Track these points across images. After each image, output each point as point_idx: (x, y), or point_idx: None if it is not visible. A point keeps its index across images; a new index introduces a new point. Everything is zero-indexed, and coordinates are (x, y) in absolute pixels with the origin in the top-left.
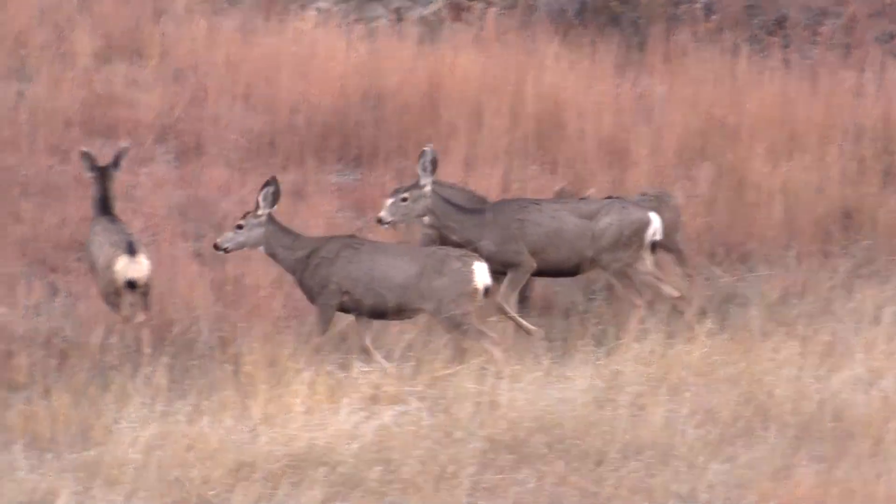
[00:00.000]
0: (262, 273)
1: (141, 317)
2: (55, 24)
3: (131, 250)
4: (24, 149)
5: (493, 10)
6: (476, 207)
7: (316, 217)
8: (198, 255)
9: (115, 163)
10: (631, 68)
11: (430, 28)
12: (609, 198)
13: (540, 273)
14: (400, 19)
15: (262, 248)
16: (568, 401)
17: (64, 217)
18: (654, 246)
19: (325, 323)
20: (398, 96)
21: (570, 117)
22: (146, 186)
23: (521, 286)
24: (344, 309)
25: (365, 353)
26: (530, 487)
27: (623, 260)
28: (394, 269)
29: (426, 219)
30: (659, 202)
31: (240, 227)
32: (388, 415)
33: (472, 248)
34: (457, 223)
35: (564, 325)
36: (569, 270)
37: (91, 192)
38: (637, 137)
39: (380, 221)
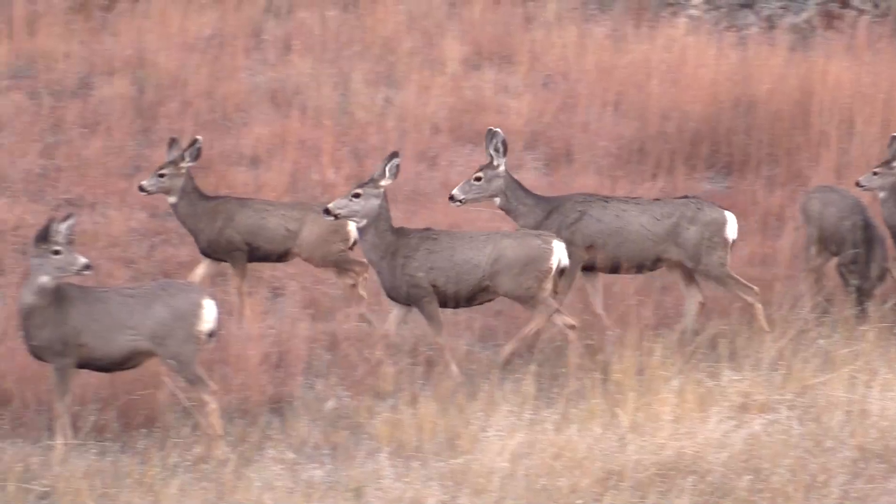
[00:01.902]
0: (630, 280)
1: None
2: (424, 31)
3: None
4: None
5: (864, 18)
6: (546, 196)
7: None
8: None
9: None
10: None
11: (802, 36)
12: (684, 197)
13: (604, 269)
14: (771, 27)
15: (364, 222)
16: None
17: (432, 223)
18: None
19: (438, 322)
20: (769, 104)
21: None
22: None
23: (573, 281)
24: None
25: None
26: None
27: (715, 261)
28: (470, 252)
29: (497, 200)
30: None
31: (357, 195)
32: (757, 423)
33: None
34: (526, 207)
35: None
36: (634, 268)
37: None
38: None
39: (452, 199)
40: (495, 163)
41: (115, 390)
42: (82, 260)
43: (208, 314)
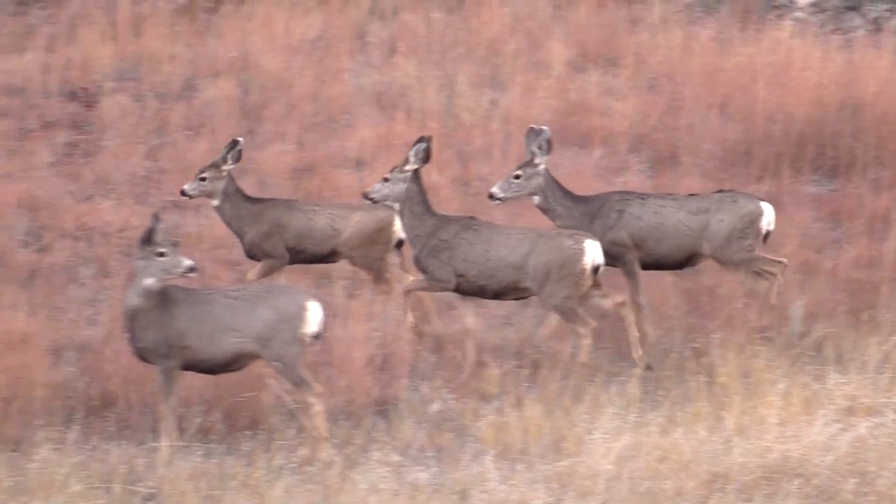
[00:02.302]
0: (736, 283)
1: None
2: (529, 33)
3: None
4: (497, 158)
5: None
6: (584, 196)
7: (791, 227)
8: None
9: None
10: None
11: None
12: (720, 191)
13: (644, 266)
14: (878, 29)
15: (397, 205)
16: None
17: (536, 227)
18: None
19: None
20: (875, 106)
21: None
22: None
23: (639, 278)
24: (458, 290)
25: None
26: None
27: (742, 246)
28: (506, 249)
29: (535, 198)
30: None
31: (386, 179)
32: (863, 426)
33: None
34: (564, 208)
35: None
36: (673, 264)
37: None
38: None
39: (491, 197)
40: (536, 161)
41: (220, 392)
42: (187, 262)
43: (313, 316)
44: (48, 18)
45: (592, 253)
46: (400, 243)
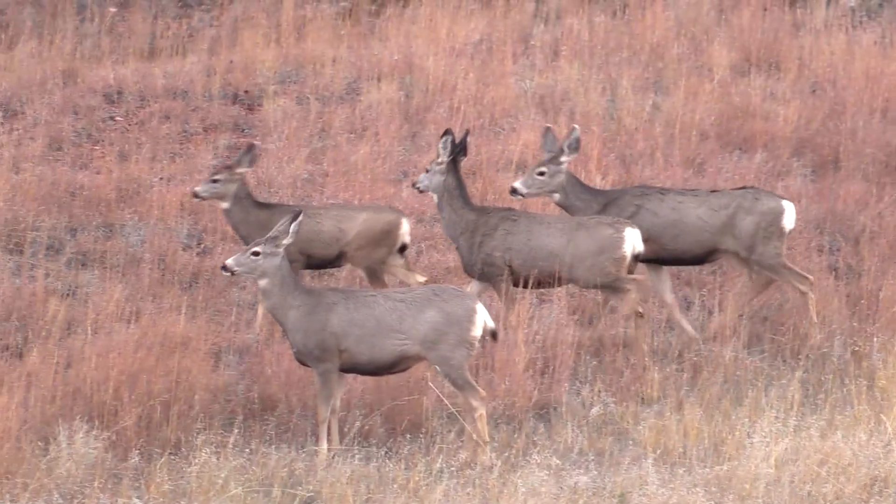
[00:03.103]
0: None
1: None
2: (692, 37)
3: None
4: (659, 161)
5: None
6: (603, 190)
7: None
8: (833, 269)
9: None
10: None
11: None
12: (743, 188)
13: (661, 261)
14: None
15: (435, 197)
16: None
17: None
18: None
19: (507, 299)
20: None
21: None
22: None
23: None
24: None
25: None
26: None
27: (770, 251)
28: (549, 238)
29: (556, 196)
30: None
31: (427, 170)
32: None
33: None
34: (583, 203)
35: None
36: (691, 260)
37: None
38: None
39: (514, 192)
40: (561, 158)
41: (380, 396)
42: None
43: (481, 319)
44: (211, 22)
45: (633, 240)
46: (404, 247)
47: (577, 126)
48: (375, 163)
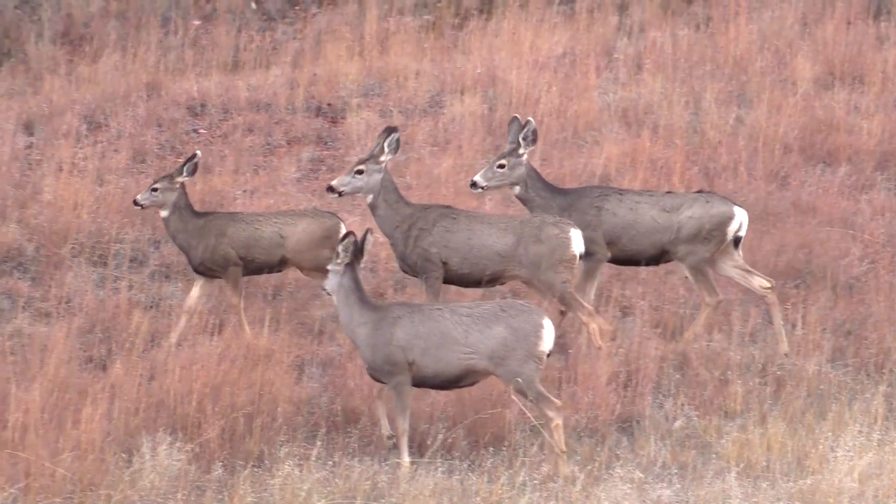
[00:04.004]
0: None
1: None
2: (776, 50)
3: None
4: (742, 175)
5: None
6: (563, 189)
7: None
8: None
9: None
10: None
11: None
12: (699, 191)
13: (617, 261)
14: None
15: (370, 198)
16: None
17: (782, 244)
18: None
19: (435, 295)
20: None
21: None
22: (865, 213)
23: (595, 275)
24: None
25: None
26: None
27: (699, 253)
28: (492, 238)
29: (516, 188)
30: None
31: (360, 171)
32: None
33: None
34: (543, 199)
35: None
36: (646, 261)
37: None
38: None
39: (473, 186)
40: (520, 151)
41: (463, 409)
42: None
43: (548, 335)
44: (294, 34)
45: (578, 242)
46: None
47: (531, 118)
48: (458, 176)
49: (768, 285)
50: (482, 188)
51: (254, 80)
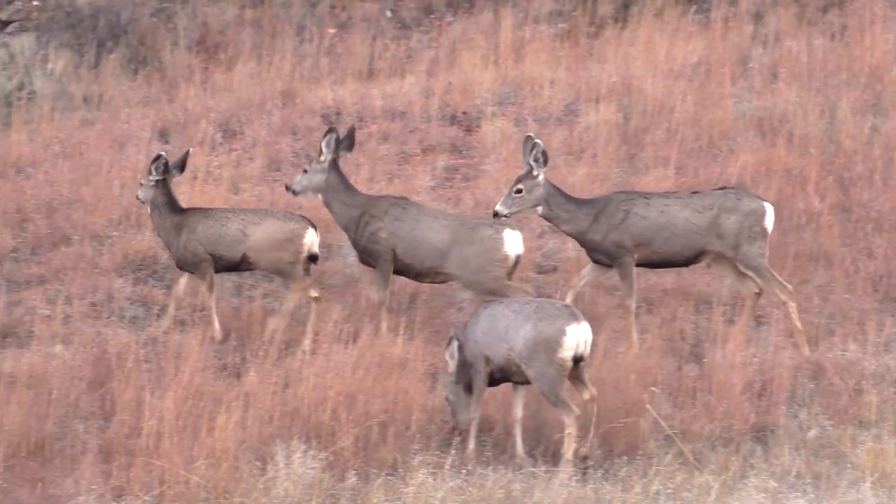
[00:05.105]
0: None
1: None
2: None
3: None
4: (878, 184)
5: None
6: (588, 199)
7: None
8: None
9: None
10: None
11: None
12: (723, 188)
13: (651, 265)
14: None
15: (320, 197)
16: None
17: None
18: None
19: (385, 279)
20: None
21: None
22: None
23: (633, 280)
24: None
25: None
26: None
27: (754, 251)
28: (432, 233)
29: (539, 209)
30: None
31: (305, 171)
32: None
33: (580, 238)
34: (569, 213)
35: None
36: (681, 262)
37: None
38: None
39: (496, 215)
40: (534, 172)
41: (597, 418)
42: None
43: (571, 341)
44: (429, 43)
45: (512, 244)
46: (313, 257)
47: (538, 140)
48: (593, 185)
49: (757, 290)
50: (505, 216)
51: (389, 89)
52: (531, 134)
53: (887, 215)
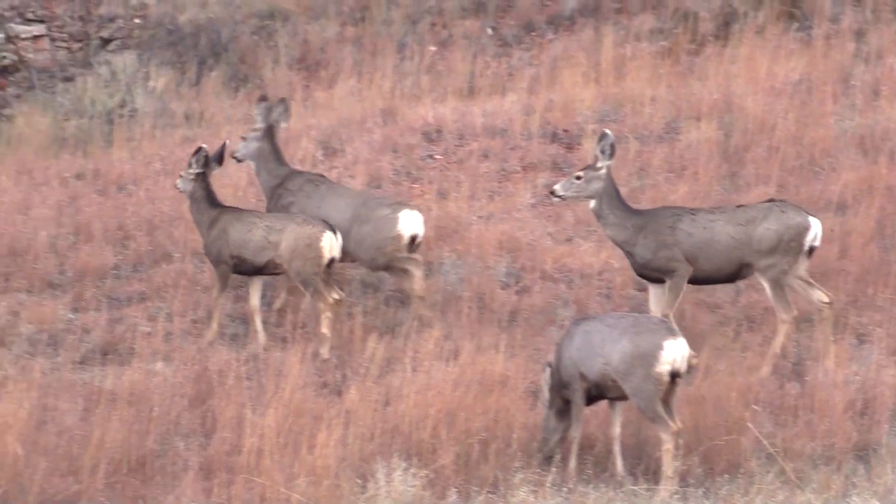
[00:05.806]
0: None
1: None
2: None
3: None
4: None
5: None
6: (638, 210)
7: None
8: None
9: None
10: None
11: None
12: (770, 201)
13: (695, 281)
14: None
15: (253, 166)
16: None
17: None
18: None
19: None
20: None
21: None
22: None
23: (680, 293)
24: None
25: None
26: None
27: (779, 266)
28: (334, 210)
29: (592, 202)
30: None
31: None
32: None
33: (626, 250)
34: (617, 219)
35: None
36: (725, 278)
37: None
38: None
39: (552, 193)
40: (598, 164)
41: (698, 436)
42: None
43: (668, 356)
44: (530, 61)
45: (408, 223)
46: (331, 261)
47: (608, 131)
48: (694, 202)
49: (826, 300)
50: (559, 197)
51: (489, 106)
52: (607, 130)
53: None
